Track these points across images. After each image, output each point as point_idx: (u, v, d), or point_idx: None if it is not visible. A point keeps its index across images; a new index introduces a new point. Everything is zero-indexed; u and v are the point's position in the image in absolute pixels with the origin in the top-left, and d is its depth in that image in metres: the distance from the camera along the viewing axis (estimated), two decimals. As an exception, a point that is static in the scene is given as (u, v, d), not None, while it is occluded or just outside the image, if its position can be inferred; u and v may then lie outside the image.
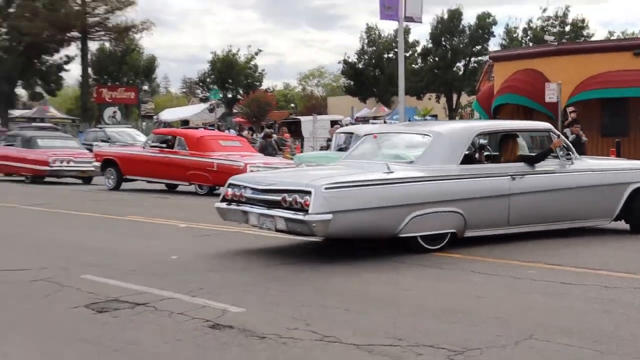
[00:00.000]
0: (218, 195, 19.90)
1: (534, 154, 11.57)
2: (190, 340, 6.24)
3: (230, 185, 10.71)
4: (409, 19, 29.10)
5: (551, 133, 11.80)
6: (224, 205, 10.63)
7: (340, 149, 17.97)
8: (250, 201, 10.13)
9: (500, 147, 11.57)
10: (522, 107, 29.98)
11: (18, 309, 7.53)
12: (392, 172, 9.70)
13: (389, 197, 9.52)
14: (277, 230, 9.93)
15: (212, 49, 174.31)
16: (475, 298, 7.62)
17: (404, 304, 7.39)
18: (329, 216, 8.96)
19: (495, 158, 11.64)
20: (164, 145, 21.50)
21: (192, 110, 70.06)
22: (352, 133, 18.12)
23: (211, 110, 64.08)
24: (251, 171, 19.22)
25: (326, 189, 9.08)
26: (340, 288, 8.17)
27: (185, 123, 58.63)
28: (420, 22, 30.41)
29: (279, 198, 9.51)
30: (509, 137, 11.45)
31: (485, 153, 11.87)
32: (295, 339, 6.18)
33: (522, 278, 8.59)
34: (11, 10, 51.60)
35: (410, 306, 7.31)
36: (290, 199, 9.29)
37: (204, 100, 73.48)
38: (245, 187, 10.31)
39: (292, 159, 26.89)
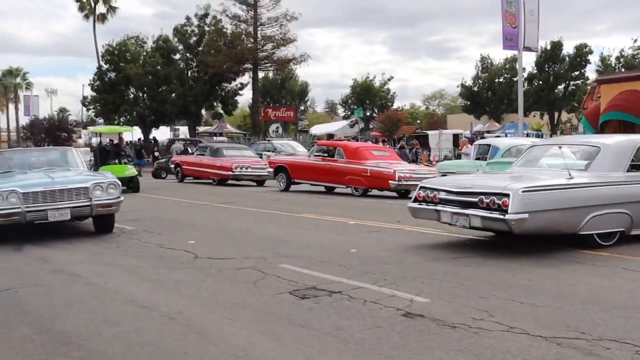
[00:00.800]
0: (371, 196, 19.64)
1: None
2: (389, 327, 5.77)
3: (421, 188, 10.23)
4: (527, 49, 27.97)
5: None
6: (416, 205, 10.19)
7: (478, 158, 17.22)
8: (443, 201, 9.67)
9: None
10: (624, 122, 28.15)
11: (233, 292, 7.26)
12: (572, 178, 9.14)
13: (574, 199, 9.00)
14: (470, 227, 9.38)
15: (349, 76, 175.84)
16: None
17: (573, 298, 6.66)
18: (525, 215, 8.55)
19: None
20: (326, 154, 21.17)
21: (336, 126, 70.14)
22: (489, 145, 17.31)
23: (352, 125, 64.02)
24: (399, 177, 18.78)
25: (523, 192, 8.64)
26: (508, 281, 7.50)
27: (330, 136, 58.61)
28: (537, 51, 29.39)
29: (476, 199, 9.07)
30: None
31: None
32: (484, 329, 5.61)
33: (675, 276, 7.69)
34: (200, 48, 52.94)
35: (580, 300, 6.57)
36: (488, 200, 8.87)
37: (345, 117, 73.37)
38: (438, 189, 9.85)
39: (428, 166, 26.24)
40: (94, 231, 12.23)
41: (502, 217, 8.60)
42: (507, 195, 8.62)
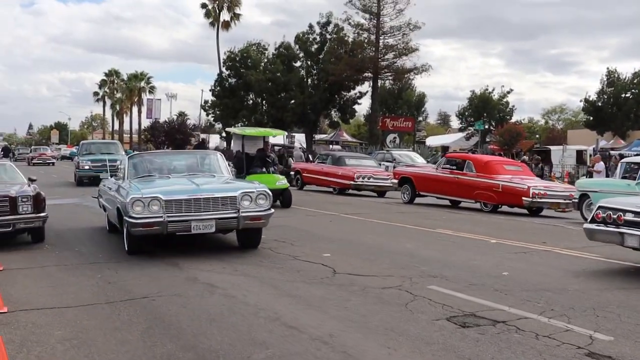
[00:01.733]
0: (501, 213, 18.61)
1: None
2: (576, 371, 4.98)
3: (601, 208, 9.26)
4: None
5: None
6: (593, 226, 9.24)
7: (624, 177, 15.92)
8: (630, 224, 8.71)
9: None
10: None
11: (384, 315, 6.67)
12: None
13: None
14: None
15: (463, 88, 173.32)
16: None
17: None
18: None
19: None
20: (455, 167, 20.26)
21: (451, 138, 68.99)
22: (637, 163, 15.95)
23: (467, 138, 62.54)
24: (533, 193, 17.70)
25: None
26: (698, 321, 6.51)
27: (445, 148, 57.49)
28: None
29: None
30: None
31: None
32: (695, 382, 4.73)
33: None
34: (321, 56, 52.99)
35: None
36: None
37: (461, 130, 71.77)
38: (624, 210, 8.89)
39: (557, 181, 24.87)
40: (224, 238, 11.73)
41: None
42: None
